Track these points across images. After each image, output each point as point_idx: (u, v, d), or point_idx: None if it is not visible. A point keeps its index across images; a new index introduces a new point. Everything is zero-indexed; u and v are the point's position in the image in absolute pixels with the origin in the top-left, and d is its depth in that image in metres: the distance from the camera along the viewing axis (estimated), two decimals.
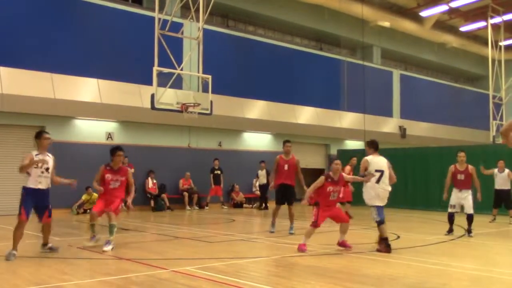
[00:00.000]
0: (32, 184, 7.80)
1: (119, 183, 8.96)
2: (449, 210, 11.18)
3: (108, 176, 8.93)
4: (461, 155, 11.24)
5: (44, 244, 8.36)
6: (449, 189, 11.39)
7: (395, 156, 13.19)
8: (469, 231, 10.95)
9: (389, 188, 8.75)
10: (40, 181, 7.84)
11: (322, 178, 8.60)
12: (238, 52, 21.29)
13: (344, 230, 8.75)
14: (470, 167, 11.17)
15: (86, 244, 8.96)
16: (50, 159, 8.03)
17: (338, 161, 8.85)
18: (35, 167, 7.76)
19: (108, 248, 8.36)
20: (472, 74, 35.68)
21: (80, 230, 12.65)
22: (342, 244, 8.76)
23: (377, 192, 8.62)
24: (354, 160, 14.81)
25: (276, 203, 11.38)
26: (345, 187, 13.97)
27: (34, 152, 7.93)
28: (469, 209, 10.94)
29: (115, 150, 9.02)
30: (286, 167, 11.25)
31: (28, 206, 7.76)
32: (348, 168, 14.40)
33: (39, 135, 8.10)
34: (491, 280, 6.70)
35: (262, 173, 19.55)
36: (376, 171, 8.59)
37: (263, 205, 19.16)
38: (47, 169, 7.92)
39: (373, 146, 8.97)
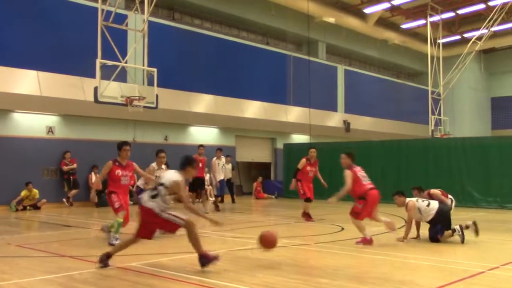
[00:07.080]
0: None
1: (128, 179, 8.99)
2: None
3: (118, 172, 8.80)
4: None
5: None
6: None
7: (339, 150, 13.32)
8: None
9: None
10: None
11: None
12: (185, 46, 21.04)
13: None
14: None
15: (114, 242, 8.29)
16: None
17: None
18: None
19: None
20: (413, 70, 36.91)
21: (19, 228, 12.18)
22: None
23: None
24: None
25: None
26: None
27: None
28: None
29: (122, 144, 9.03)
30: None
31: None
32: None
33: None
34: (431, 268, 6.98)
35: (228, 167, 18.38)
36: None
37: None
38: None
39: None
